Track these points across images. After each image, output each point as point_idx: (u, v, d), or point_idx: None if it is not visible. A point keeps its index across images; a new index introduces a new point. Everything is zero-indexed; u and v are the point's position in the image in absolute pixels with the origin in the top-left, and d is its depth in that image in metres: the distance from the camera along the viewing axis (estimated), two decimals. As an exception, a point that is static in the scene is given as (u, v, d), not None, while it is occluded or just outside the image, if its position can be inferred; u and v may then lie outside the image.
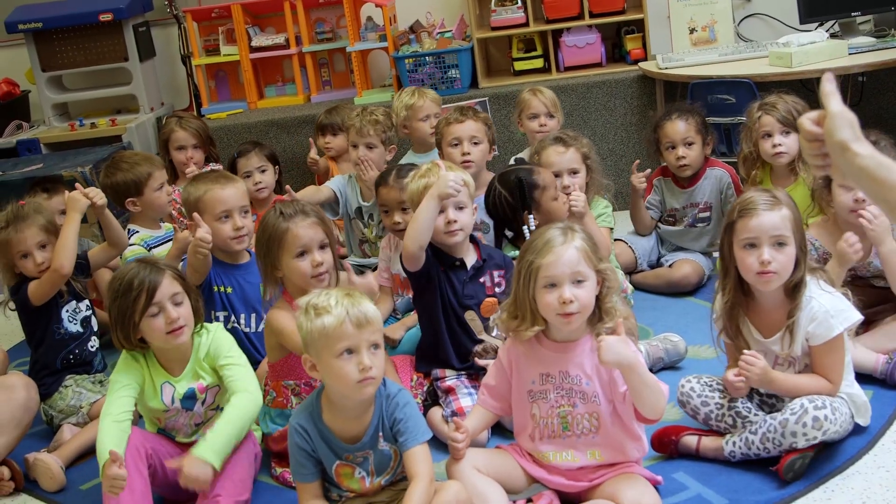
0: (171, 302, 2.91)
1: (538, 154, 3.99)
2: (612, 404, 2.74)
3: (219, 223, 3.64)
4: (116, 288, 2.91)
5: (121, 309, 2.90)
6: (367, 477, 2.70)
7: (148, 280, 2.89)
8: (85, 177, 5.30)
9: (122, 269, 3.01)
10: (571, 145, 3.96)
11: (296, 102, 6.15)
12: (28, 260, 3.65)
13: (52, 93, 6.45)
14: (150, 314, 2.89)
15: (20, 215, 3.68)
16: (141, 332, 2.92)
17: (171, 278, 2.93)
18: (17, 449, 3.40)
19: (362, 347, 2.52)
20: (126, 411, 2.90)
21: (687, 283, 4.25)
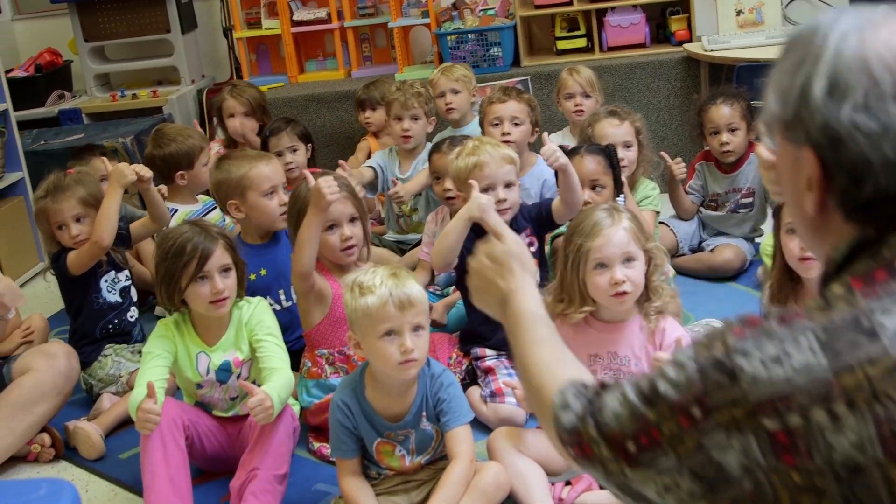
0: (219, 272, 2.91)
1: (591, 127, 3.96)
2: None
3: (266, 199, 3.62)
4: (168, 248, 2.90)
5: (168, 270, 2.90)
6: (407, 455, 2.70)
7: (201, 247, 2.88)
8: (126, 148, 5.33)
9: (174, 229, 3.00)
10: (626, 119, 3.94)
11: (336, 77, 6.14)
12: (63, 231, 3.67)
13: (95, 63, 6.47)
14: (197, 280, 2.89)
15: (60, 186, 3.69)
16: (185, 296, 2.92)
17: (223, 248, 2.93)
18: (58, 417, 3.43)
19: (405, 329, 2.51)
20: (159, 380, 2.88)
21: (729, 268, 4.21)
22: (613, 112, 4.01)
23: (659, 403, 1.20)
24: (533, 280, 1.72)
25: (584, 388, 1.35)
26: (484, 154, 3.27)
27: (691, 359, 1.19)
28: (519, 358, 1.58)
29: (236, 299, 3.01)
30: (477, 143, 3.36)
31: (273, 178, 3.64)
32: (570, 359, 1.53)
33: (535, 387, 1.48)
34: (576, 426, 1.29)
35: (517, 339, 1.60)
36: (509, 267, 1.72)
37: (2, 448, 3.28)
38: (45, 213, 3.67)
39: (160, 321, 3.02)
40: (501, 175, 3.28)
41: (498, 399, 3.22)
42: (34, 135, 5.80)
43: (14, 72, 6.30)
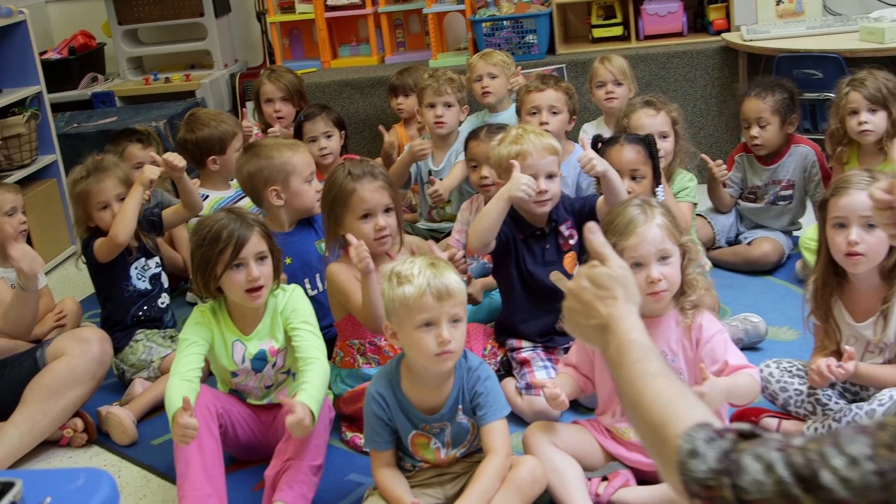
0: (255, 259, 2.88)
1: (627, 117, 3.91)
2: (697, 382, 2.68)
3: (307, 185, 3.60)
4: (203, 235, 2.87)
5: (204, 257, 2.87)
6: (442, 448, 2.67)
7: (237, 234, 2.85)
8: (159, 131, 5.32)
9: (210, 216, 2.97)
10: (661, 109, 3.89)
11: (369, 63, 6.11)
12: (107, 212, 3.66)
13: (128, 46, 6.47)
14: (233, 268, 2.86)
15: (101, 166, 3.69)
16: (220, 283, 2.89)
17: (259, 235, 2.90)
18: (90, 402, 3.42)
19: (442, 320, 2.48)
20: (195, 369, 2.86)
21: (766, 262, 4.16)
22: (649, 102, 3.96)
23: (818, 493, 1.09)
24: (636, 309, 1.63)
25: (717, 436, 1.24)
26: (527, 143, 3.23)
27: (868, 458, 1.08)
28: (628, 391, 1.48)
29: (272, 286, 2.98)
30: (520, 131, 3.31)
31: (312, 165, 3.66)
32: (692, 395, 1.42)
33: (652, 424, 1.37)
34: (708, 481, 1.19)
35: (624, 370, 1.51)
36: (612, 292, 1.64)
37: (35, 432, 3.27)
38: (87, 194, 3.66)
39: (196, 307, 2.99)
40: (544, 166, 3.24)
41: (533, 391, 3.18)
42: (67, 117, 5.80)
43: (48, 54, 6.31)
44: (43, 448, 3.36)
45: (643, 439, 1.44)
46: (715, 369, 2.63)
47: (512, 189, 3.12)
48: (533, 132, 3.31)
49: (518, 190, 3.12)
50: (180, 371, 2.84)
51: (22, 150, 5.03)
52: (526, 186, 3.13)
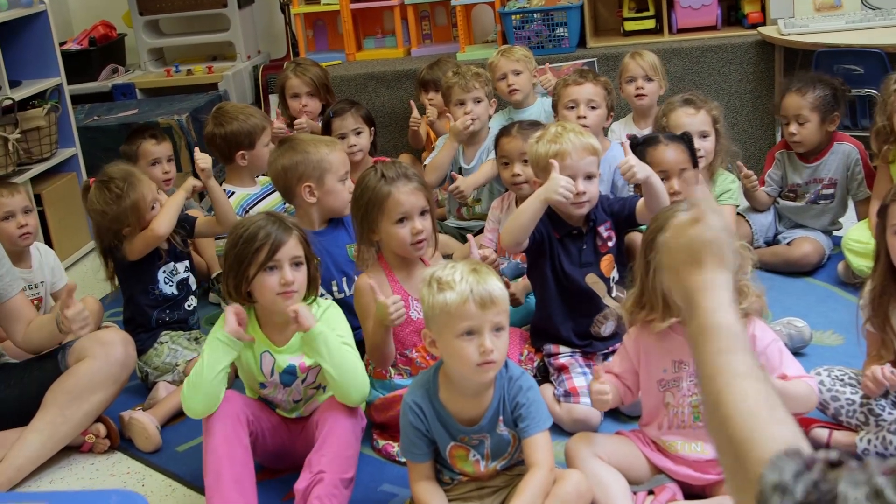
0: (290, 263, 2.77)
1: (666, 116, 3.80)
2: None
3: (341, 184, 3.52)
4: (239, 235, 2.77)
5: (238, 257, 2.76)
6: (481, 461, 2.56)
7: (274, 235, 2.74)
8: (181, 125, 5.22)
9: (249, 217, 2.87)
10: (702, 107, 3.78)
11: (395, 55, 5.99)
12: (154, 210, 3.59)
13: (149, 37, 6.38)
14: (266, 269, 2.75)
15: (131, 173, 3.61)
16: (252, 286, 2.79)
17: (297, 240, 2.79)
18: (113, 406, 3.32)
19: (485, 329, 2.37)
20: (221, 369, 2.76)
21: (807, 263, 4.03)
22: (688, 101, 3.84)
23: None
24: (729, 276, 1.44)
25: (806, 465, 1.09)
26: (566, 142, 3.12)
27: None
28: (708, 387, 1.30)
29: (308, 299, 2.86)
30: (559, 129, 3.20)
31: (347, 164, 3.57)
32: (780, 406, 1.26)
33: (732, 436, 1.21)
34: None
35: (705, 358, 1.32)
36: (700, 257, 1.44)
37: (56, 438, 3.18)
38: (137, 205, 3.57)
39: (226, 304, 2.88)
40: (583, 166, 3.12)
41: (572, 399, 3.08)
42: (87, 110, 5.72)
43: (67, 45, 6.22)
44: (65, 454, 3.26)
45: (717, 447, 1.28)
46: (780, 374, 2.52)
47: (550, 190, 3.02)
48: (572, 130, 3.19)
49: (556, 192, 3.01)
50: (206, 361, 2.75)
51: (41, 143, 4.93)
52: (564, 189, 3.02)
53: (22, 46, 5.08)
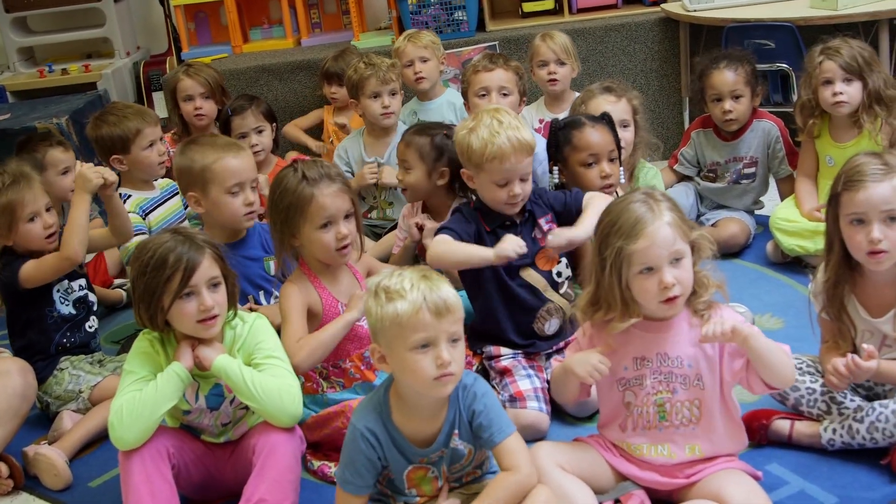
0: (208, 286, 2.51)
1: (585, 104, 3.63)
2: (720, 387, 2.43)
3: (229, 197, 3.25)
4: (146, 262, 2.49)
5: (148, 287, 2.49)
6: (438, 477, 2.37)
7: (186, 258, 2.47)
8: (61, 129, 4.88)
9: (153, 239, 2.59)
10: (622, 95, 3.64)
11: (284, 46, 5.75)
12: (36, 223, 3.24)
13: (17, 35, 6.03)
14: (182, 297, 2.49)
15: (25, 174, 3.27)
16: (169, 315, 2.52)
17: (211, 259, 2.53)
18: (13, 442, 3.03)
19: (441, 340, 2.18)
20: (171, 405, 2.54)
21: (734, 244, 3.93)
22: (609, 88, 3.70)
23: None
24: None
25: None
26: (504, 142, 2.89)
27: None
28: None
29: (228, 315, 2.62)
30: (494, 123, 2.94)
31: (240, 174, 3.26)
32: None
33: None
34: None
35: None
36: None
37: (-48, 481, 2.88)
38: (14, 204, 3.21)
39: (143, 333, 2.61)
40: (520, 169, 2.93)
41: (519, 404, 2.90)
42: (-46, 117, 5.31)
43: (-74, 48, 5.80)
44: (-37, 498, 2.97)
45: None
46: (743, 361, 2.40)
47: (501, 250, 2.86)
48: (508, 126, 2.93)
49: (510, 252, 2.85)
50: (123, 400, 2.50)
51: None
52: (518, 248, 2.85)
53: None
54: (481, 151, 2.91)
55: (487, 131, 2.92)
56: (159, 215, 3.86)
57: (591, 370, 2.44)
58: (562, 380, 2.59)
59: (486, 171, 2.94)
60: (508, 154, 2.89)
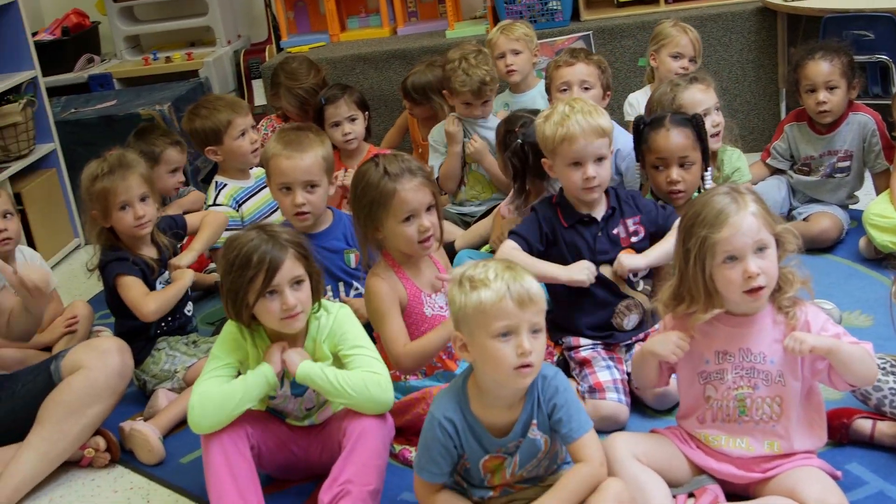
0: (290, 285, 2.57)
1: (676, 96, 3.60)
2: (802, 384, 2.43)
3: (279, 194, 3.35)
4: (231, 259, 2.57)
5: (234, 285, 2.57)
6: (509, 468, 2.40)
7: (269, 258, 2.54)
8: (163, 115, 5.03)
9: (239, 237, 2.65)
10: (710, 85, 3.63)
11: (381, 35, 5.80)
12: (127, 212, 3.36)
13: (124, 24, 6.17)
14: (266, 295, 2.56)
15: (124, 162, 3.39)
16: (254, 311, 2.60)
17: (294, 258, 2.59)
18: (111, 417, 3.14)
19: (523, 329, 2.20)
20: (253, 404, 2.63)
21: (826, 239, 3.87)
22: (695, 78, 3.68)
23: None
24: None
25: None
26: (574, 125, 2.96)
27: None
28: None
29: (313, 308, 2.69)
30: (567, 109, 3.02)
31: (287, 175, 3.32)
32: None
33: None
34: None
35: None
36: None
37: (53, 455, 3.01)
38: (108, 192, 3.33)
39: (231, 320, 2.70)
40: (592, 150, 2.98)
41: (598, 395, 2.93)
42: (63, 103, 5.50)
43: (39, 35, 5.98)
44: (63, 470, 3.10)
45: None
46: (825, 362, 2.40)
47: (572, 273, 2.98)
48: (580, 111, 3.02)
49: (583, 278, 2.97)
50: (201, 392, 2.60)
51: (19, 139, 4.74)
52: (591, 276, 2.98)
53: (-7, 39, 4.87)
54: (553, 135, 3.00)
55: (559, 116, 3.01)
56: (252, 205, 3.97)
57: (673, 348, 2.48)
58: (641, 363, 2.63)
59: (560, 155, 3.01)
60: (578, 134, 2.96)
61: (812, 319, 2.44)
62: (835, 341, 2.36)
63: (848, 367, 2.37)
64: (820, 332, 2.42)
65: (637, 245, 3.08)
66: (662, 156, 3.30)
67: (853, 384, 2.44)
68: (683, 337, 2.49)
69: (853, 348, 2.38)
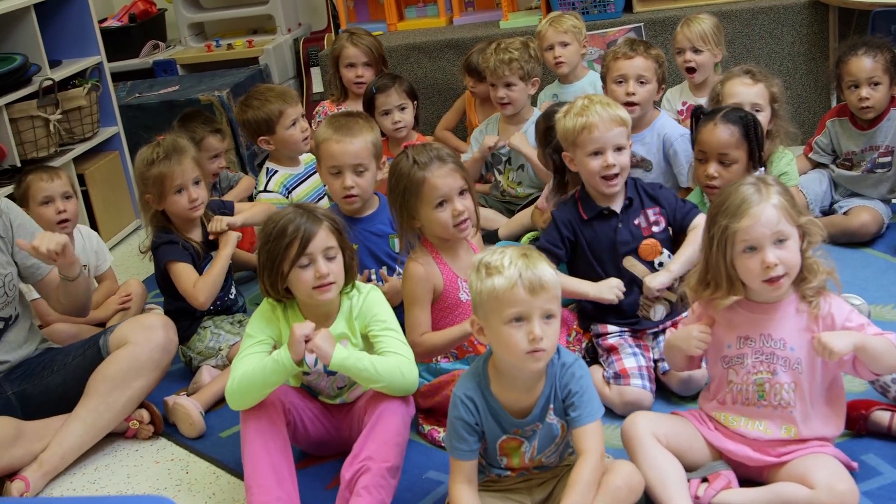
0: (324, 256, 2.68)
1: (722, 84, 3.66)
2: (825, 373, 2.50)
3: (330, 177, 3.43)
4: (269, 232, 2.70)
5: (270, 255, 2.69)
6: (527, 452, 2.48)
7: (303, 228, 2.66)
8: (222, 101, 5.17)
9: (278, 212, 2.79)
10: (761, 80, 3.63)
11: (437, 25, 5.87)
12: (183, 195, 3.49)
13: (189, 12, 6.32)
14: (300, 265, 2.68)
15: (178, 147, 3.53)
16: (288, 282, 2.72)
17: (328, 231, 2.71)
18: (156, 391, 3.28)
19: (534, 315, 2.28)
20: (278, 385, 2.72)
21: (865, 233, 3.88)
22: (748, 71, 3.69)
23: None
24: None
25: None
26: (593, 115, 3.04)
27: None
28: None
29: (346, 287, 2.80)
30: (586, 101, 3.11)
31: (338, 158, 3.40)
32: None
33: None
34: None
35: None
36: None
37: (99, 425, 3.16)
38: (164, 176, 3.47)
39: (267, 298, 2.81)
40: (611, 138, 3.05)
41: (623, 381, 2.99)
42: (128, 87, 5.67)
43: (107, 22, 6.17)
44: (109, 440, 3.24)
45: None
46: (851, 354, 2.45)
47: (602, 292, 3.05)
48: (599, 102, 3.11)
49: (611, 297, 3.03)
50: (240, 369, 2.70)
51: (83, 122, 4.90)
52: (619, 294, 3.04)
53: (61, 25, 5.04)
54: (573, 126, 3.08)
55: (579, 108, 3.10)
56: (301, 192, 4.06)
57: (696, 342, 2.57)
58: (670, 353, 2.74)
59: (580, 146, 3.08)
60: (597, 122, 3.04)
61: (836, 311, 2.49)
62: (861, 337, 2.41)
63: (876, 359, 2.42)
64: (845, 322, 2.47)
65: (658, 235, 3.13)
66: (704, 149, 3.35)
67: (878, 373, 2.49)
68: (704, 329, 2.57)
69: (879, 341, 2.43)
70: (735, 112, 3.35)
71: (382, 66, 4.78)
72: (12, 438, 3.04)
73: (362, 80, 4.67)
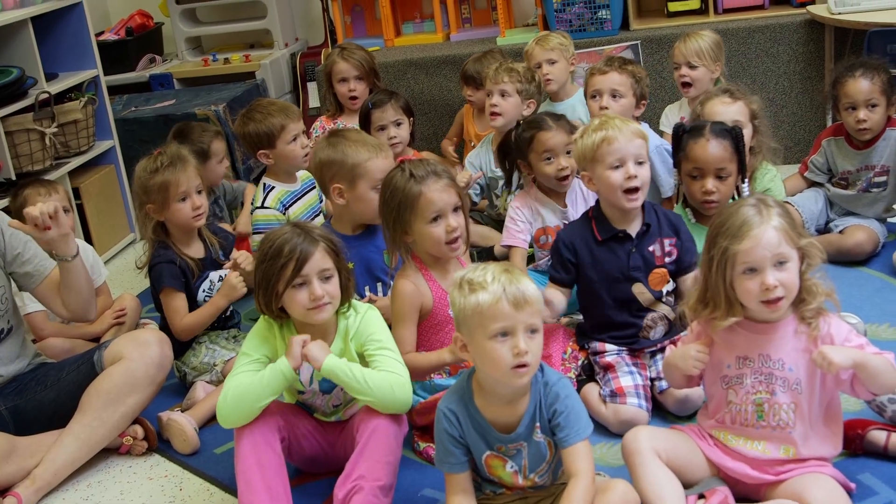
0: (319, 277, 2.67)
1: (702, 105, 3.68)
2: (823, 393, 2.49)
3: (374, 192, 3.32)
4: (265, 251, 2.69)
5: (265, 274, 2.69)
6: (519, 473, 2.47)
7: (299, 249, 2.65)
8: (218, 115, 5.17)
9: (275, 231, 2.78)
10: (739, 98, 3.64)
11: (434, 41, 5.90)
12: (186, 203, 3.50)
13: (186, 26, 6.33)
14: (295, 285, 2.68)
15: (181, 156, 3.54)
16: (283, 302, 2.71)
17: (324, 252, 2.70)
18: (151, 406, 3.27)
19: (519, 330, 2.28)
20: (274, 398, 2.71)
21: (860, 252, 3.89)
22: (727, 90, 3.72)
23: None
24: None
25: None
26: (612, 129, 3.03)
27: None
28: None
29: (342, 307, 2.79)
30: (603, 119, 3.11)
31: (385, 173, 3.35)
32: None
33: None
34: None
35: None
36: None
37: (93, 441, 3.14)
38: (168, 184, 3.47)
39: (263, 316, 2.81)
40: (632, 150, 3.03)
41: (619, 399, 2.99)
42: (124, 101, 5.67)
43: (104, 35, 6.18)
44: (102, 456, 3.23)
45: None
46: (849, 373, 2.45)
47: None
48: (616, 118, 3.11)
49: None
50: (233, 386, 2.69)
51: (79, 136, 4.90)
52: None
53: (58, 38, 5.05)
54: (592, 142, 3.05)
55: (596, 125, 3.09)
56: (298, 209, 4.04)
57: (693, 362, 2.57)
58: (668, 372, 2.73)
59: (600, 160, 3.04)
60: (616, 135, 3.02)
61: (835, 331, 2.49)
62: (861, 354, 2.41)
63: (874, 378, 2.42)
64: (843, 342, 2.47)
65: (669, 265, 3.11)
66: (699, 166, 3.35)
67: (876, 393, 2.49)
68: (702, 349, 2.57)
69: (878, 360, 2.43)
70: (719, 125, 3.38)
71: (375, 80, 4.80)
72: (5, 454, 3.03)
73: (355, 95, 4.69)
